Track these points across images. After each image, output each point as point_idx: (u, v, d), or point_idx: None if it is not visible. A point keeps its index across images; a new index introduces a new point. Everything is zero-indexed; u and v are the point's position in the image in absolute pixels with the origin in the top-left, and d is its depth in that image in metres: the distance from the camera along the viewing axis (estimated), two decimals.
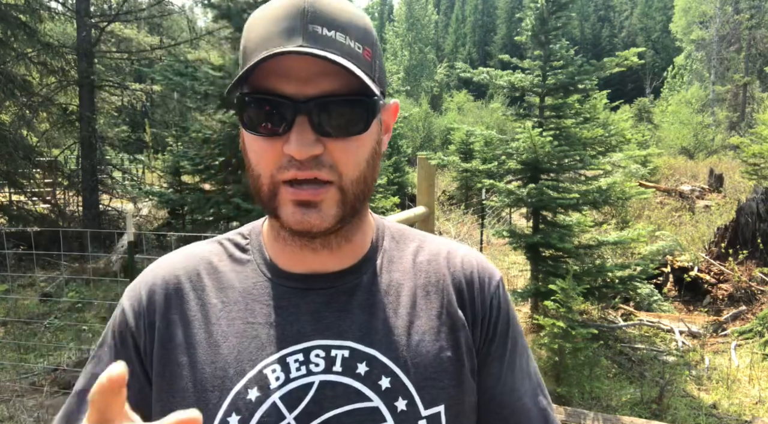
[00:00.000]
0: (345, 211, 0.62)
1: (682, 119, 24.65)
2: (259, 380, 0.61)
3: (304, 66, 0.57)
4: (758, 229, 6.15)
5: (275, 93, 0.58)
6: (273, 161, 0.59)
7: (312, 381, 0.61)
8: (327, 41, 0.57)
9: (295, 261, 0.67)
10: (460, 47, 63.62)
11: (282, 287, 0.66)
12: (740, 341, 4.78)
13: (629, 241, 4.70)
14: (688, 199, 11.35)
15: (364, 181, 0.62)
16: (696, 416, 3.58)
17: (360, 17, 0.63)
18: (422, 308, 0.67)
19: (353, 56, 0.59)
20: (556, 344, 3.64)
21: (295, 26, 0.57)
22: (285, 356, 0.62)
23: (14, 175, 7.95)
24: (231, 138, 6.39)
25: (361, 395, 0.61)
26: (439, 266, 0.71)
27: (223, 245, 0.72)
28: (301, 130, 0.57)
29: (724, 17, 31.94)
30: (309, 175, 0.59)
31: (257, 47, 0.58)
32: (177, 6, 10.30)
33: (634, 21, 56.56)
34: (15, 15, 7.71)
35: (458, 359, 0.66)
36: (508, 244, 5.11)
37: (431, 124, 26.70)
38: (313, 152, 0.58)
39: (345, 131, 0.60)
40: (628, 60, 4.83)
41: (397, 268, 0.70)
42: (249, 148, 0.62)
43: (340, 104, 0.59)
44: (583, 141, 4.90)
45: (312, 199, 0.59)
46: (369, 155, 0.63)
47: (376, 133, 0.64)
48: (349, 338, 0.63)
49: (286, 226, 0.61)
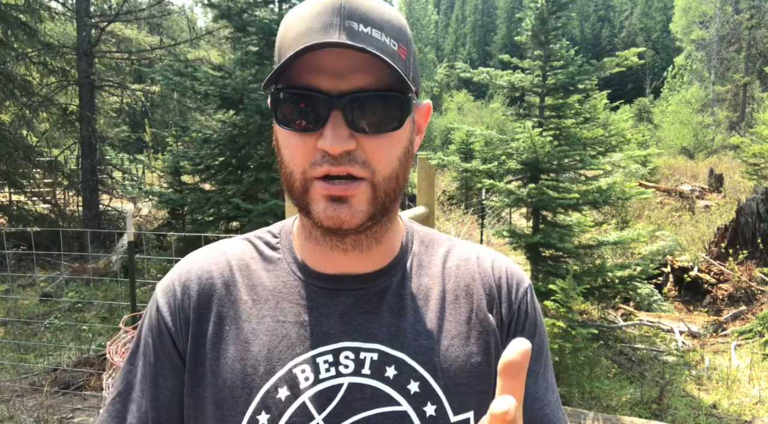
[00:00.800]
0: (376, 208, 0.61)
1: (682, 119, 24.64)
2: (288, 380, 0.61)
3: (339, 61, 0.57)
4: (758, 229, 6.15)
5: (310, 88, 0.58)
6: (306, 157, 0.59)
7: (341, 383, 0.61)
8: (363, 37, 0.57)
9: (325, 262, 0.67)
10: (460, 47, 63.61)
11: (312, 286, 0.66)
12: (740, 341, 4.78)
13: (629, 241, 4.70)
14: (688, 199, 11.34)
15: (396, 179, 0.62)
16: (696, 416, 3.58)
17: (395, 16, 0.63)
18: (451, 313, 0.67)
19: (389, 53, 0.58)
20: (556, 344, 3.64)
21: (331, 22, 0.57)
22: (315, 356, 0.62)
23: (14, 175, 7.96)
24: (231, 138, 6.40)
25: (390, 398, 0.61)
26: (468, 270, 0.71)
27: (254, 243, 0.72)
28: (336, 125, 0.57)
29: (724, 17, 31.94)
30: (342, 171, 0.59)
31: (293, 44, 0.58)
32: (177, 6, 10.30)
33: (634, 21, 56.56)
34: (15, 15, 7.72)
35: (488, 365, 0.65)
36: (508, 244, 5.11)
37: (431, 124, 26.72)
38: (346, 147, 0.58)
39: (379, 128, 0.59)
40: (628, 60, 4.83)
41: (427, 272, 0.70)
42: (282, 144, 0.62)
43: (374, 100, 0.59)
44: (583, 141, 4.90)
45: (344, 193, 0.59)
46: (402, 153, 0.63)
47: (409, 131, 0.64)
48: (377, 341, 0.63)
49: (317, 221, 0.61)
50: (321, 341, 0.63)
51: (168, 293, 0.68)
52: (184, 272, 0.69)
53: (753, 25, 31.22)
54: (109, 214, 8.95)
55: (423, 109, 0.69)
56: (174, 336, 0.65)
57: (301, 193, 0.61)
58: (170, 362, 0.65)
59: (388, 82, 0.59)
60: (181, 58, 6.71)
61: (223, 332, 0.64)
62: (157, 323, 0.66)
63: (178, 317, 0.66)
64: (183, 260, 0.72)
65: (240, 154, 6.55)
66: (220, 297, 0.66)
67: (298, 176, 0.60)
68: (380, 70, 0.58)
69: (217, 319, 0.65)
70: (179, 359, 0.65)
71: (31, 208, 8.30)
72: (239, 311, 0.65)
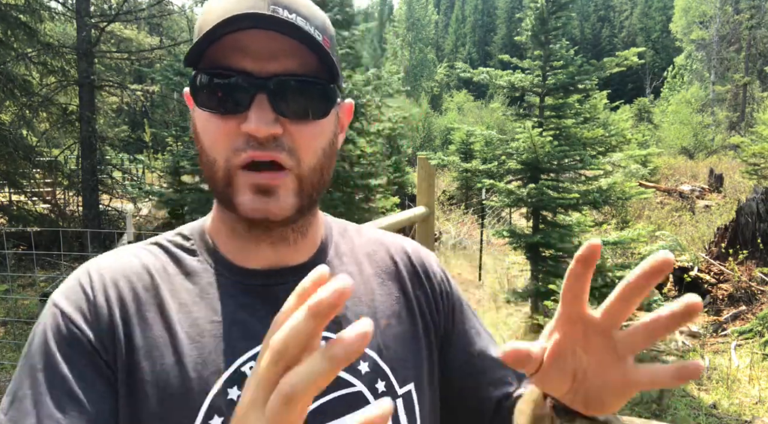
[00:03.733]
0: (302, 200, 0.61)
1: (682, 119, 24.64)
2: (238, 379, 0.59)
3: (265, 42, 0.56)
4: (758, 229, 6.15)
5: (235, 69, 0.56)
6: (230, 143, 0.57)
7: None
8: (289, 24, 0.56)
9: (252, 257, 0.64)
10: (460, 47, 63.61)
11: (241, 284, 0.63)
12: (740, 341, 4.78)
13: (629, 241, 4.70)
14: (688, 199, 11.34)
15: (320, 171, 0.62)
16: (696, 416, 3.58)
17: (319, 10, 0.62)
18: (381, 294, 0.70)
19: (315, 42, 0.57)
20: None
21: (256, 5, 0.56)
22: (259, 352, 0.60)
23: (14, 175, 7.95)
24: None
25: (345, 381, 0.63)
26: (385, 254, 0.75)
27: (166, 247, 0.66)
28: (261, 108, 0.56)
29: (724, 17, 31.94)
30: (267, 156, 0.57)
31: (215, 30, 0.56)
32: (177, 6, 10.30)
33: (634, 21, 56.54)
34: (15, 15, 7.72)
35: (420, 340, 0.71)
36: (508, 244, 5.11)
37: (431, 124, 26.71)
38: (272, 131, 0.56)
39: (304, 114, 0.59)
40: (628, 60, 4.83)
41: (350, 259, 0.72)
42: (203, 130, 0.60)
43: (301, 85, 0.58)
44: (583, 141, 4.90)
45: (271, 182, 0.58)
46: (327, 145, 0.62)
47: (333, 124, 0.63)
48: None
49: (242, 214, 0.59)
50: (263, 336, 0.60)
51: (77, 299, 0.59)
52: (95, 276, 0.61)
53: (753, 25, 31.22)
54: (109, 214, 8.95)
55: (346, 107, 0.68)
56: (96, 345, 0.57)
57: (225, 185, 0.59)
58: (99, 373, 0.56)
59: (315, 69, 0.58)
60: (181, 58, 6.71)
61: (154, 338, 0.59)
62: (68, 333, 0.57)
63: (97, 324, 0.58)
64: (87, 265, 0.63)
65: None
66: (143, 302, 0.60)
67: (221, 165, 0.58)
68: (307, 56, 0.58)
69: (144, 325, 0.59)
70: (108, 370, 0.56)
71: (31, 208, 8.30)
72: (168, 316, 0.60)
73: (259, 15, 0.54)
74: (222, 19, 0.54)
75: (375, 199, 7.11)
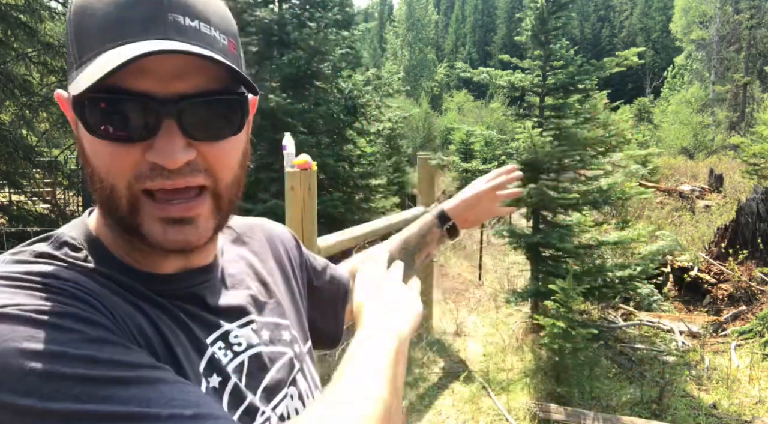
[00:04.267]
0: (221, 219, 0.58)
1: (682, 119, 24.63)
2: (213, 366, 0.59)
3: (167, 62, 0.50)
4: (758, 229, 6.15)
5: (133, 92, 0.49)
6: (130, 170, 0.51)
7: (242, 360, 0.63)
8: (192, 33, 0.51)
9: (160, 263, 0.59)
10: (460, 47, 63.58)
11: (157, 295, 0.58)
12: (740, 341, 4.78)
13: (629, 241, 4.70)
14: (688, 200, 11.34)
15: (237, 184, 0.59)
16: (696, 416, 3.58)
17: (219, 4, 0.56)
18: (268, 271, 0.76)
19: (221, 50, 0.53)
20: (556, 344, 3.64)
21: (151, 15, 0.50)
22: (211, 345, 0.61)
23: (14, 175, 7.95)
24: None
25: (279, 352, 0.69)
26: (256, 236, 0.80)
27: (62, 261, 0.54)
28: (170, 134, 0.50)
29: (724, 17, 31.93)
30: (181, 184, 0.52)
31: (105, 37, 0.49)
32: None
33: (634, 21, 56.52)
34: (15, 15, 7.71)
35: (301, 302, 0.81)
36: (508, 244, 5.11)
37: (431, 124, 26.66)
38: (186, 158, 0.51)
39: (219, 133, 0.54)
40: (628, 60, 4.83)
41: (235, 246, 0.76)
42: (94, 155, 0.52)
43: (213, 104, 0.53)
44: (583, 141, 4.90)
45: (186, 214, 0.53)
46: (242, 157, 0.59)
47: (246, 132, 0.60)
48: (246, 315, 0.67)
49: (156, 245, 0.53)
50: (204, 335, 0.60)
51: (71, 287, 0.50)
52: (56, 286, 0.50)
53: (753, 25, 31.21)
54: None
55: (252, 104, 0.63)
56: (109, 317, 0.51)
57: (129, 212, 0.52)
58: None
59: (225, 82, 0.53)
60: None
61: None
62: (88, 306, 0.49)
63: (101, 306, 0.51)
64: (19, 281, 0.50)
65: None
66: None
67: (123, 193, 0.51)
68: (215, 69, 0.52)
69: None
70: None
71: (31, 208, 8.30)
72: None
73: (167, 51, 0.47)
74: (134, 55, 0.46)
75: (375, 199, 7.11)
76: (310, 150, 5.76)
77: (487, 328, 5.22)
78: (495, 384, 4.06)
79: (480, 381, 4.09)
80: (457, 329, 5.15)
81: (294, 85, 6.47)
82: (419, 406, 3.79)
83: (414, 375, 4.25)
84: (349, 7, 7.06)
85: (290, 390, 0.68)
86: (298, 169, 2.76)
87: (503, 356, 4.52)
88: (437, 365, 4.46)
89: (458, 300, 6.06)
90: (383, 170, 7.65)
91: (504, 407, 3.69)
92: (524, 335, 4.93)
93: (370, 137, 7.70)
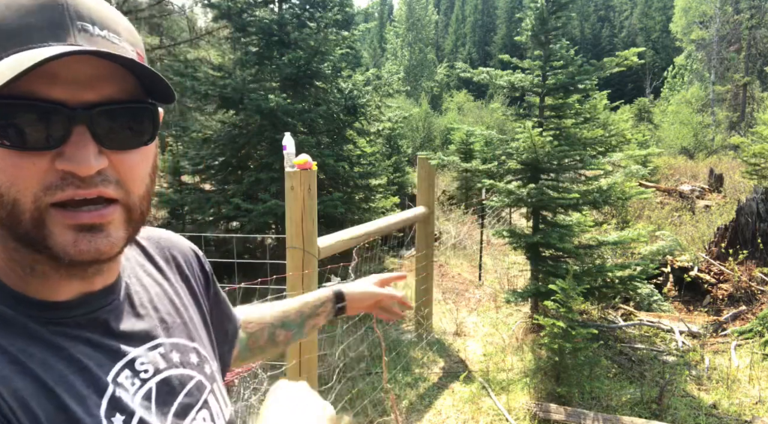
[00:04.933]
0: (131, 232, 0.56)
1: (682, 119, 24.64)
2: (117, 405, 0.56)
3: (79, 68, 0.49)
4: (758, 229, 6.15)
5: (41, 99, 0.48)
6: (37, 181, 0.49)
7: (149, 387, 0.61)
8: (102, 42, 0.50)
9: (55, 288, 0.56)
10: (460, 47, 63.57)
11: (54, 324, 0.55)
12: (740, 341, 4.78)
13: (629, 241, 4.70)
14: (688, 200, 11.34)
15: (148, 196, 0.58)
16: (696, 416, 3.59)
17: (121, 15, 0.57)
18: (175, 290, 0.74)
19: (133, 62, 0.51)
20: (556, 344, 3.64)
21: (59, 21, 0.49)
22: (114, 379, 0.57)
23: None
24: (231, 138, 6.40)
25: (187, 376, 0.67)
26: (161, 252, 0.77)
27: None
28: (81, 142, 0.49)
29: (724, 17, 31.92)
30: (93, 193, 0.50)
31: (8, 43, 0.48)
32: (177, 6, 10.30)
33: (634, 21, 56.51)
34: None
35: (210, 319, 0.80)
36: (508, 244, 5.11)
37: (431, 124, 26.67)
38: (99, 166, 0.50)
39: (131, 142, 0.54)
40: (628, 60, 4.83)
41: (139, 262, 0.72)
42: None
43: (126, 113, 0.52)
44: (583, 141, 4.90)
45: (98, 221, 0.51)
46: (152, 168, 0.58)
47: (156, 144, 0.60)
48: (152, 338, 0.65)
49: (63, 256, 0.51)
50: (107, 367, 0.57)
51: None
52: None
53: (753, 25, 31.20)
54: None
55: (161, 114, 0.62)
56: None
57: (34, 226, 0.50)
58: None
59: (135, 92, 0.54)
60: (181, 59, 6.71)
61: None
62: None
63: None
64: None
65: (240, 154, 6.55)
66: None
67: (28, 206, 0.49)
68: (126, 79, 0.52)
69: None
70: None
71: None
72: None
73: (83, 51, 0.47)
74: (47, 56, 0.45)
75: (375, 199, 7.11)
76: (310, 150, 5.76)
77: (487, 328, 5.23)
78: (495, 384, 4.06)
79: (480, 381, 4.09)
80: (457, 329, 5.15)
81: (294, 85, 6.47)
82: (419, 406, 3.79)
83: (414, 375, 4.25)
84: (349, 7, 7.07)
85: (202, 414, 0.66)
86: (298, 169, 2.76)
87: (503, 356, 4.52)
88: (437, 365, 4.46)
89: (458, 300, 6.06)
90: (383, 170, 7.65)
91: (504, 407, 3.69)
92: (524, 335, 4.93)
93: (370, 137, 7.70)
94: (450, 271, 7.19)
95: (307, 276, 2.81)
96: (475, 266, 7.22)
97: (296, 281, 2.80)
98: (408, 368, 4.35)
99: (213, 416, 0.68)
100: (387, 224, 4.15)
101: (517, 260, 6.46)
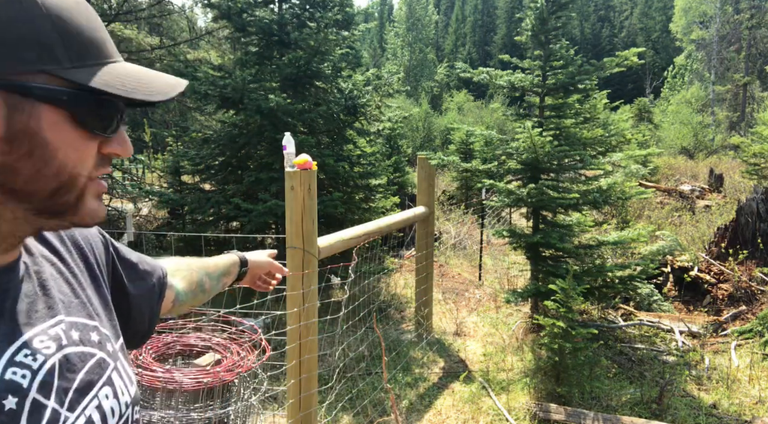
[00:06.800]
0: None
1: (682, 119, 24.65)
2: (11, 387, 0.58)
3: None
4: (758, 229, 6.15)
5: (123, 97, 0.60)
6: (93, 160, 0.61)
7: (53, 363, 0.63)
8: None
9: None
10: (460, 47, 63.56)
11: None
12: (740, 341, 4.78)
13: (629, 241, 4.70)
14: (688, 199, 11.34)
15: None
16: (696, 416, 3.59)
17: None
18: (73, 271, 0.75)
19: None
20: (556, 344, 3.64)
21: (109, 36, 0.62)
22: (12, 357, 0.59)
23: None
24: (231, 138, 6.39)
25: (88, 353, 0.69)
26: (56, 235, 0.78)
27: None
28: (123, 131, 0.64)
29: (724, 17, 31.93)
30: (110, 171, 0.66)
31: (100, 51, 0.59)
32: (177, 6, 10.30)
33: (634, 21, 56.50)
34: None
35: (110, 300, 0.81)
36: (508, 244, 5.11)
37: (431, 124, 26.68)
38: None
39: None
40: (628, 60, 4.83)
41: (38, 242, 0.73)
42: (71, 147, 0.59)
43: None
44: (583, 141, 4.90)
45: (104, 191, 0.66)
46: None
47: None
48: (54, 316, 0.67)
49: (80, 220, 0.63)
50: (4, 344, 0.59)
51: None
52: None
53: (753, 25, 31.20)
54: (109, 214, 8.93)
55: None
56: None
57: (77, 197, 0.61)
58: None
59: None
60: (181, 59, 6.70)
61: None
62: None
63: None
64: None
65: (240, 154, 6.55)
66: None
67: (82, 181, 0.61)
68: None
69: None
70: None
71: None
72: None
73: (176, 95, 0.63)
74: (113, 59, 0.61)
75: (375, 199, 7.11)
76: (310, 150, 5.75)
77: (487, 328, 5.23)
78: (495, 384, 4.06)
79: (480, 381, 4.09)
80: (457, 329, 5.15)
81: (294, 85, 6.47)
82: (419, 406, 3.79)
83: (414, 375, 4.25)
84: (349, 7, 7.06)
85: (105, 390, 0.69)
86: (298, 169, 2.76)
87: (503, 356, 4.52)
88: (437, 365, 4.46)
89: (458, 300, 6.06)
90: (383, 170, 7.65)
91: (504, 407, 3.69)
92: (524, 335, 4.93)
93: (370, 137, 7.70)
94: (450, 271, 7.19)
95: (307, 276, 2.81)
96: (475, 266, 7.22)
97: (296, 281, 2.80)
98: (408, 368, 4.35)
99: (116, 392, 0.71)
100: (387, 224, 4.15)
101: (517, 260, 6.46)
